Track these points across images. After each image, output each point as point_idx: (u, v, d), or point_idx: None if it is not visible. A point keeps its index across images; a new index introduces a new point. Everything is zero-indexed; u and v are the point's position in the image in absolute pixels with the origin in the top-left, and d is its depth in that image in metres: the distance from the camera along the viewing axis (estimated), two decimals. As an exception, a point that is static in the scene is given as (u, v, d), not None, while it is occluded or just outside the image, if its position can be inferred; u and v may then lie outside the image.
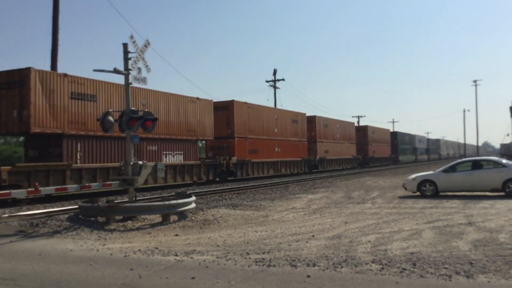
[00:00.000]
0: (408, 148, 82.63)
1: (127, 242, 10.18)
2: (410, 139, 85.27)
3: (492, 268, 6.95)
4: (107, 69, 13.45)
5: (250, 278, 6.82)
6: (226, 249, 8.94)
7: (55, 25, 25.93)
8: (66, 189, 19.24)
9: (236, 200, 18.80)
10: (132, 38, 13.55)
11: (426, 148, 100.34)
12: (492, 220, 11.66)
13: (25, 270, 7.67)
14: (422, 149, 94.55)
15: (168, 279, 6.87)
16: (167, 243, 9.83)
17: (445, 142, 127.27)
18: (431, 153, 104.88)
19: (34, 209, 15.85)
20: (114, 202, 13.80)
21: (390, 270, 6.98)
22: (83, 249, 9.34)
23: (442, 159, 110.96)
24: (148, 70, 14.03)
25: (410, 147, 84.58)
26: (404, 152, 79.31)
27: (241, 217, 13.83)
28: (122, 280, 6.90)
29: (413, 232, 10.21)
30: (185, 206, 13.50)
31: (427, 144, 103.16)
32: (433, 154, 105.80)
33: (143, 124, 13.64)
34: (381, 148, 68.07)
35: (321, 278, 6.66)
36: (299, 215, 13.89)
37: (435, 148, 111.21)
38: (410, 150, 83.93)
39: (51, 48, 25.73)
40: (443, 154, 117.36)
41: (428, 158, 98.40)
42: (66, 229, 11.85)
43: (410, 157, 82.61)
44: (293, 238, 9.90)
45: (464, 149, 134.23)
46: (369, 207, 15.35)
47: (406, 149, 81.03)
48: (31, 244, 10.08)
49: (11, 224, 12.59)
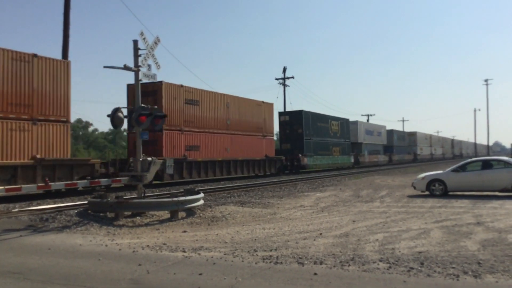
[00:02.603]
0: (323, 144, 46.73)
1: (135, 237, 10.25)
2: (320, 120, 46.72)
3: (500, 268, 6.91)
4: (117, 66, 13.53)
5: (257, 275, 6.84)
6: (233, 246, 8.97)
7: (66, 21, 26.09)
8: (76, 184, 19.36)
9: (244, 198, 18.84)
10: (142, 35, 13.61)
11: (387, 146, 69.88)
12: (501, 220, 11.58)
13: (35, 264, 7.76)
14: (370, 145, 62.94)
15: (176, 275, 6.92)
16: (175, 239, 9.89)
17: (427, 137, 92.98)
18: (400, 152, 74.89)
19: (44, 204, 15.99)
20: (123, 198, 13.90)
21: (398, 269, 6.97)
22: (92, 244, 9.43)
23: (421, 160, 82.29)
24: (158, 67, 14.10)
25: (327, 140, 47.88)
26: (308, 151, 43.16)
27: (249, 214, 13.86)
28: (130, 275, 6.95)
29: (421, 231, 10.18)
30: (193, 202, 13.57)
31: (389, 138, 71.30)
32: (402, 154, 75.54)
33: (152, 121, 13.70)
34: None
35: (328, 276, 6.67)
36: (307, 213, 13.89)
37: (408, 146, 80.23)
38: (325, 146, 47.04)
39: (62, 43, 25.90)
40: (423, 153, 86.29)
41: (389, 160, 68.21)
42: (75, 224, 11.95)
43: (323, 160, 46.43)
44: (301, 236, 9.91)
45: (474, 148, 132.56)
46: (377, 206, 15.31)
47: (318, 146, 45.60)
48: (40, 238, 10.18)
49: (21, 219, 12.73)
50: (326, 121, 48.65)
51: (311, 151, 43.86)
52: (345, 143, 52.91)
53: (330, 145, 48.80)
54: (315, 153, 44.75)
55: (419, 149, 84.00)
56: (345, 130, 53.05)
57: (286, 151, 42.07)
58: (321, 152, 46.28)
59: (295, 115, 43.63)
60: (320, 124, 46.70)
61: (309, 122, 44.07)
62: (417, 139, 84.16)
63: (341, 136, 51.80)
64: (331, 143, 49.11)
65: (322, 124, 47.33)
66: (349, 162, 53.40)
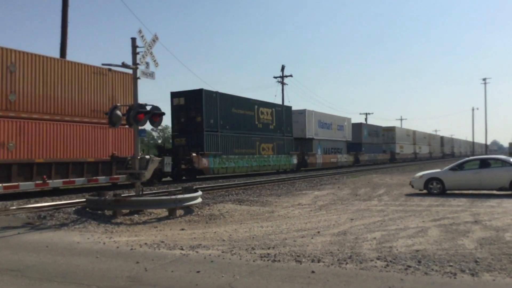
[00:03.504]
0: (244, 139, 35.10)
1: (133, 235, 10.25)
2: (239, 105, 34.70)
3: (497, 266, 6.93)
4: (115, 63, 13.52)
5: (255, 272, 6.85)
6: (231, 244, 8.97)
7: (64, 19, 26.04)
8: (74, 182, 19.47)
9: (243, 196, 18.84)
10: (141, 33, 13.59)
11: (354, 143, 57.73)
12: (499, 218, 11.61)
13: (32, 261, 7.75)
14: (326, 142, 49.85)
15: (174, 273, 6.92)
16: (173, 237, 9.89)
17: (409, 134, 79.28)
18: (372, 150, 62.94)
19: (42, 202, 15.98)
20: (121, 196, 13.89)
21: (395, 267, 6.98)
22: (90, 242, 9.42)
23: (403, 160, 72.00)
24: (156, 64, 14.07)
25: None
26: (213, 148, 31.83)
27: (247, 212, 13.87)
28: (128, 272, 6.95)
29: (418, 229, 10.19)
30: (191, 200, 13.57)
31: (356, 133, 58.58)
32: (375, 153, 63.99)
33: (150, 118, 13.69)
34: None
35: (326, 274, 6.68)
36: (305, 211, 13.90)
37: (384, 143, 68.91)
38: (246, 143, 35.40)
39: (60, 41, 25.87)
40: (403, 152, 73.72)
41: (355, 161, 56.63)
42: (73, 222, 11.95)
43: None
44: (299, 234, 9.92)
45: (472, 147, 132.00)
46: (375, 204, 15.33)
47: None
48: (38, 236, 10.17)
49: (19, 216, 12.71)
50: (250, 108, 35.68)
51: (218, 148, 31.34)
52: (284, 138, 40.18)
53: (256, 140, 36.06)
54: (227, 151, 32.43)
55: (398, 147, 71.96)
56: (283, 121, 40.22)
57: (181, 149, 29.56)
58: (239, 150, 33.85)
59: (193, 97, 30.70)
60: (237, 111, 34.13)
61: (214, 106, 31.51)
62: (396, 135, 71.90)
63: (276, 129, 39.15)
64: (259, 138, 36.37)
65: (241, 111, 34.57)
66: (290, 164, 40.78)
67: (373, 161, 62.30)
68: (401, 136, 75.19)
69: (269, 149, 37.85)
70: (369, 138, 63.06)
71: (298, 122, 44.14)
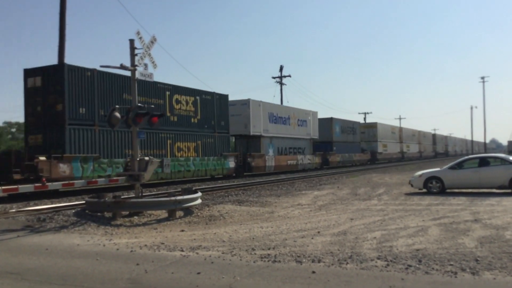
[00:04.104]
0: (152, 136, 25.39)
1: (133, 237, 10.23)
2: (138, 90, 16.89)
3: (497, 265, 6.93)
4: (113, 65, 13.50)
5: (255, 273, 6.84)
6: (231, 245, 8.96)
7: (62, 21, 25.97)
8: (73, 184, 19.39)
9: (242, 196, 18.82)
10: (139, 34, 13.58)
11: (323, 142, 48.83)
12: (499, 217, 11.60)
13: (32, 264, 7.74)
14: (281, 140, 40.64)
15: (174, 274, 6.91)
16: (173, 239, 9.88)
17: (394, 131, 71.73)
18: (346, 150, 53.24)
19: (42, 204, 15.95)
20: (120, 198, 13.87)
21: (396, 266, 6.97)
22: (90, 244, 9.40)
23: (388, 161, 65.16)
24: (155, 66, 14.07)
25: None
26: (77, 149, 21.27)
27: (246, 213, 13.86)
28: (128, 274, 6.94)
29: (419, 229, 10.19)
30: (191, 202, 13.55)
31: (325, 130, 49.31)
32: (350, 153, 54.23)
33: (149, 120, 13.68)
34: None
35: (326, 274, 6.67)
36: (305, 211, 13.89)
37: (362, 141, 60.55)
38: (152, 141, 25.63)
39: (58, 43, 25.80)
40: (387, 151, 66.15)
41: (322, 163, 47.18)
42: (73, 224, 11.92)
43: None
44: (299, 234, 9.91)
45: (471, 145, 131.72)
46: (375, 204, 15.33)
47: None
48: (38, 239, 10.15)
49: (18, 219, 12.69)
50: (158, 94, 26.29)
51: (94, 149, 21.92)
52: (215, 135, 31.34)
53: (168, 138, 26.91)
54: (114, 153, 22.86)
55: (380, 146, 63.70)
56: (214, 113, 31.37)
57: (36, 150, 20.61)
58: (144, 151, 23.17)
59: (54, 75, 21.32)
60: (134, 98, 17.50)
61: (89, 90, 22.09)
62: (378, 132, 63.03)
63: (202, 123, 30.04)
64: (172, 135, 27.16)
65: (143, 98, 23.83)
66: (224, 169, 31.71)
67: (348, 162, 53.15)
68: (384, 133, 66.23)
69: (189, 149, 28.65)
70: (343, 135, 53.21)
71: (241, 116, 35.34)
